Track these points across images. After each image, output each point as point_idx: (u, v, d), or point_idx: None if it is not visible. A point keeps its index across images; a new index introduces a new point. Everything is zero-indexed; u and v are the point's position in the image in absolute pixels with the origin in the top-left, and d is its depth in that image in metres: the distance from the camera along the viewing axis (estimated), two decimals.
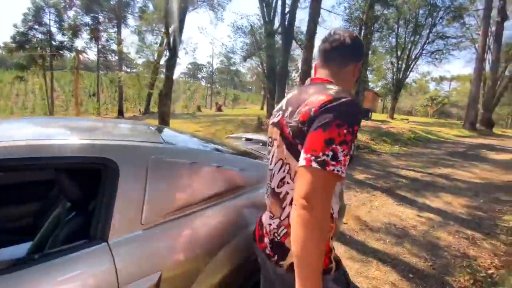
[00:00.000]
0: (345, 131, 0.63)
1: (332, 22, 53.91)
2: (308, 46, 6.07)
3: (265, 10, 10.39)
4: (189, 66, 76.67)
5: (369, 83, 24.15)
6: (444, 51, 20.64)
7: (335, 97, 0.67)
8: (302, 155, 0.64)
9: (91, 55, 28.00)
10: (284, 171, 0.78)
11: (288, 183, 0.77)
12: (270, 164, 0.86)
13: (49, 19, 23.47)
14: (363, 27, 12.07)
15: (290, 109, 0.77)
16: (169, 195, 1.03)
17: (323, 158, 0.61)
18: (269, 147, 0.88)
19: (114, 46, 25.58)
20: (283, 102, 0.86)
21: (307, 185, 0.61)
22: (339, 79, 0.81)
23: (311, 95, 0.72)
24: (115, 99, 33.61)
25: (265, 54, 10.93)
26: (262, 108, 28.11)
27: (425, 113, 46.37)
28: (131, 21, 24.61)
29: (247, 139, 2.74)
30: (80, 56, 22.16)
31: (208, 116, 16.87)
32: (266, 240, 0.83)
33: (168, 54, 6.36)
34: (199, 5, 22.27)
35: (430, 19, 18.78)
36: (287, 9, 9.62)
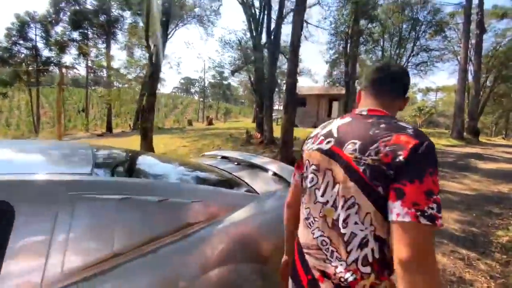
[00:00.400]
0: (436, 177, 0.63)
1: (320, 37, 55.54)
2: (292, 59, 6.02)
3: (252, 25, 10.48)
4: (182, 80, 77.10)
5: None
6: (429, 63, 21.20)
7: (420, 140, 0.66)
8: (400, 209, 0.61)
9: (82, 70, 27.76)
10: (351, 211, 0.71)
11: (356, 223, 0.71)
12: (321, 196, 0.79)
13: (35, 34, 23.26)
14: (349, 41, 12.32)
15: (354, 142, 0.72)
16: (85, 246, 0.78)
17: (429, 212, 0.59)
18: (311, 174, 0.82)
19: (103, 62, 25.45)
20: (333, 129, 0.82)
21: (416, 244, 0.59)
22: (389, 111, 0.80)
23: (385, 132, 0.70)
24: (105, 114, 33.15)
25: (252, 68, 10.94)
26: (253, 121, 28.19)
27: (414, 123, 47.33)
28: (121, 36, 24.65)
29: (223, 157, 2.54)
30: (66, 71, 21.86)
31: (198, 130, 16.65)
32: (327, 284, 0.75)
33: (150, 68, 6.19)
34: (188, 21, 22.66)
35: (413, 33, 19.39)
36: (273, 24, 9.73)
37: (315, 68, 79.78)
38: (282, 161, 6.45)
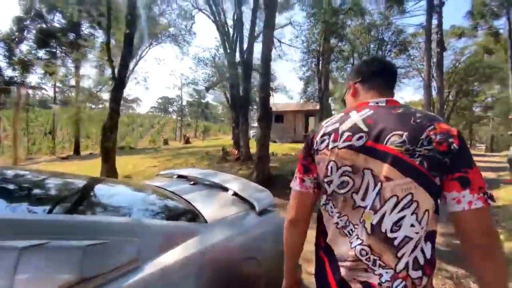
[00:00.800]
0: None
1: (293, 55, 58.12)
2: (264, 73, 5.90)
3: (226, 43, 10.46)
4: (160, 100, 75.84)
5: (333, 112, 25.30)
6: (396, 80, 22.55)
7: (457, 128, 0.69)
8: (470, 197, 0.62)
9: (50, 91, 26.28)
10: (406, 212, 0.64)
11: (412, 225, 0.64)
12: (361, 199, 0.69)
13: None
14: (320, 58, 12.68)
15: (399, 133, 0.66)
16: None
17: (489, 193, 0.63)
18: (343, 177, 0.71)
19: (72, 81, 24.30)
20: (357, 122, 0.72)
21: (490, 224, 0.63)
22: None
23: (426, 120, 0.68)
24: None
25: (227, 84, 10.81)
26: (233, 138, 27.88)
27: None
28: (92, 55, 23.83)
29: (180, 177, 2.18)
30: (33, 91, 20.53)
31: (173, 149, 15.98)
32: None
33: (112, 84, 5.75)
34: (163, 40, 22.52)
35: (380, 52, 20.60)
36: (245, 43, 9.78)
37: (290, 85, 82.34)
38: (258, 178, 6.15)
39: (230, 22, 11.18)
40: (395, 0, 18.27)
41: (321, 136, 0.76)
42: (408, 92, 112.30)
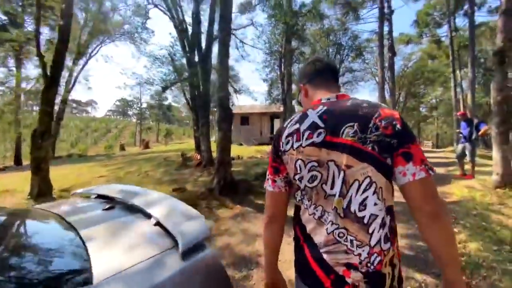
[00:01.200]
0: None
1: (256, 57, 58.51)
2: (221, 71, 5.48)
3: (185, 42, 9.80)
4: (118, 103, 70.72)
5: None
6: (353, 82, 23.79)
7: (398, 111, 0.79)
8: (413, 169, 0.70)
9: None
10: (367, 193, 0.73)
11: (375, 204, 0.73)
12: (330, 188, 0.77)
13: None
14: (282, 59, 12.65)
15: (351, 125, 0.75)
16: None
17: (429, 165, 0.72)
18: (311, 172, 0.78)
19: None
20: (314, 120, 0.80)
21: (434, 192, 0.71)
22: None
23: (371, 108, 0.76)
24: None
25: (186, 84, 10.16)
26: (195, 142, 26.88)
27: None
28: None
29: (101, 196, 1.67)
30: None
31: (129, 155, 14.68)
32: (355, 275, 0.73)
33: (43, 83, 4.83)
34: (117, 38, 20.81)
35: (338, 55, 21.49)
36: (204, 40, 9.27)
37: (255, 87, 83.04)
38: (219, 184, 5.65)
39: (188, 20, 10.57)
40: (351, 7, 19.26)
41: (286, 137, 0.82)
42: (365, 94, 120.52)
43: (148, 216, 1.22)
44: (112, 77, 62.11)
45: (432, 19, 21.53)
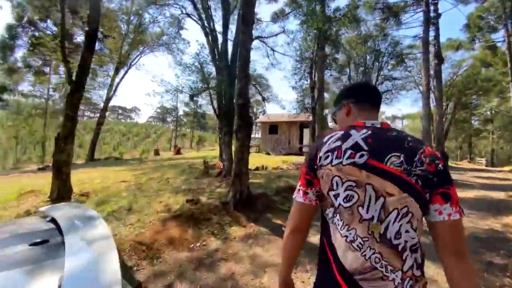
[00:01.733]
0: None
1: (287, 65, 58.12)
2: (241, 77, 5.17)
3: (215, 50, 9.82)
4: (158, 110, 75.46)
5: (329, 124, 24.61)
6: (393, 92, 22.02)
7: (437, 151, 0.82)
8: (450, 209, 0.74)
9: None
10: (403, 221, 0.75)
11: (407, 231, 0.76)
12: (366, 212, 0.77)
13: None
14: (313, 66, 12.06)
15: (397, 155, 0.77)
16: None
17: (462, 208, 0.76)
18: (347, 191, 0.79)
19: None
20: (358, 141, 0.81)
21: (463, 233, 0.76)
22: None
23: (416, 144, 0.80)
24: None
25: (214, 92, 10.12)
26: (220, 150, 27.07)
27: None
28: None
29: (53, 220, 1.36)
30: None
31: (160, 160, 15.09)
32: None
33: (68, 88, 4.98)
34: (156, 48, 22.05)
35: (377, 62, 20.18)
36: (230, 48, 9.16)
37: (283, 95, 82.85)
38: (235, 198, 5.16)
39: (218, 28, 10.62)
40: (391, 12, 18.02)
41: (325, 153, 0.84)
42: (406, 104, 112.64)
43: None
44: (153, 86, 66.36)
45: (486, 23, 19.26)
